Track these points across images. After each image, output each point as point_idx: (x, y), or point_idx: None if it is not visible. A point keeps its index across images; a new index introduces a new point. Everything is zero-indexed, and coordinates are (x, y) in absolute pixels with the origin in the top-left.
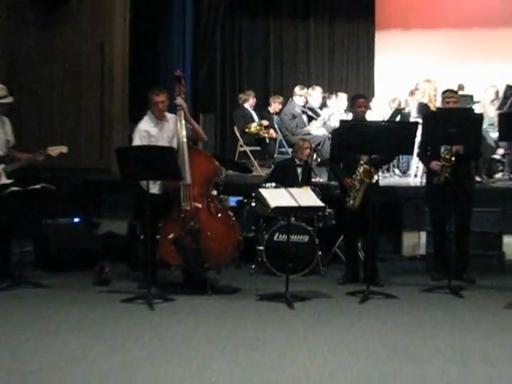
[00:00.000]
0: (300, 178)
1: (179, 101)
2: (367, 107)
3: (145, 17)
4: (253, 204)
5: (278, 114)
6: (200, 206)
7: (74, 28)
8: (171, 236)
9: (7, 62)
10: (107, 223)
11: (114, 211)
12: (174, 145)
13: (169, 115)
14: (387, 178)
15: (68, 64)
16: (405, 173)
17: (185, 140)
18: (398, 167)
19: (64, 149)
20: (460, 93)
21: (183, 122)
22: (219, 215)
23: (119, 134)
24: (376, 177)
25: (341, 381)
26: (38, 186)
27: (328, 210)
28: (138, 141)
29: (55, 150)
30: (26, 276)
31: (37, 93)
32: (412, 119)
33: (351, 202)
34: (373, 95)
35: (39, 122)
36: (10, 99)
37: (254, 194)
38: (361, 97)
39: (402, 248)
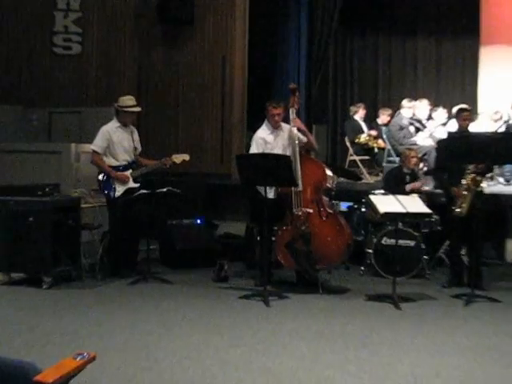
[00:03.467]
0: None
1: (293, 117)
2: (471, 119)
3: (262, 31)
4: (362, 209)
5: (386, 125)
6: (311, 210)
7: (198, 44)
8: (284, 239)
9: (136, 74)
10: (226, 225)
11: (233, 214)
12: (288, 153)
13: (284, 125)
14: (491, 187)
15: (192, 77)
16: (508, 181)
17: (297, 149)
18: (502, 176)
19: (187, 156)
20: None
21: (296, 131)
22: (329, 219)
23: (238, 142)
24: (482, 185)
25: (447, 380)
26: (163, 190)
27: (434, 216)
28: (255, 147)
29: (179, 158)
30: (152, 272)
31: (163, 104)
32: None
33: (459, 209)
34: (476, 108)
35: (165, 131)
36: (138, 108)
37: (363, 200)
38: (465, 110)
39: (506, 254)
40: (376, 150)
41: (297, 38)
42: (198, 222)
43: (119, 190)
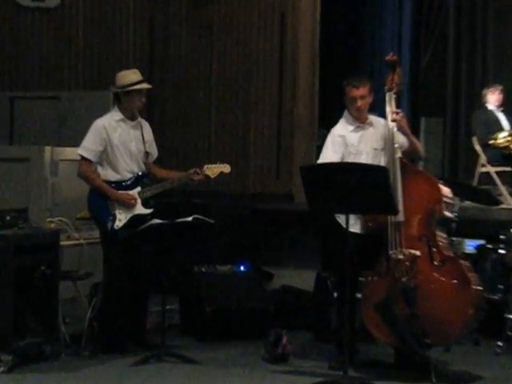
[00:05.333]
0: None
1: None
2: None
3: None
4: (501, 251)
5: None
6: (418, 253)
7: None
8: (375, 297)
9: (147, 41)
10: (284, 273)
11: (295, 256)
12: (383, 162)
13: (375, 119)
14: None
15: (231, 47)
16: None
17: (397, 156)
18: None
19: (226, 168)
20: None
21: (395, 129)
22: (447, 267)
23: (304, 146)
24: None
25: None
26: (188, 219)
27: None
28: (330, 152)
29: (214, 169)
30: (168, 346)
31: (187, 88)
32: None
33: None
34: None
35: (191, 129)
36: (147, 85)
37: (502, 237)
38: None
39: None
40: None
41: None
42: (242, 268)
43: (121, 218)
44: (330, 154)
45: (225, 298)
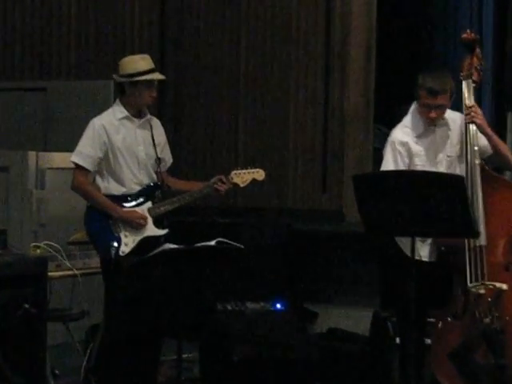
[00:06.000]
0: None
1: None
2: None
3: None
4: None
5: None
6: (504, 286)
7: None
8: (450, 342)
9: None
10: (332, 312)
11: (346, 290)
12: (459, 171)
13: (450, 115)
14: None
15: (265, 25)
16: None
17: (477, 163)
18: None
19: (259, 174)
20: None
21: (474, 128)
22: None
23: (358, 150)
24: None
25: None
26: (210, 243)
27: None
28: (391, 161)
29: (244, 176)
30: None
31: (209, 76)
32: None
33: None
34: None
35: (212, 127)
36: (159, 75)
37: None
38: None
39: None
40: None
41: None
42: (278, 306)
43: (127, 242)
44: (390, 167)
45: (256, 345)
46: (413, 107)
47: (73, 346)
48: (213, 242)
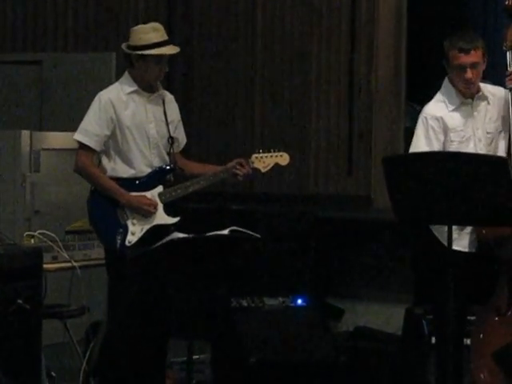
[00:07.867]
0: None
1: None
2: None
3: None
4: None
5: None
6: None
7: None
8: (494, 342)
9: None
10: (360, 309)
11: (375, 285)
12: (501, 151)
13: (488, 89)
14: None
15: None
16: None
17: None
18: None
19: (283, 158)
20: None
21: None
22: None
23: (387, 130)
24: None
25: None
26: (223, 232)
27: None
28: (423, 142)
29: (266, 160)
30: None
31: (224, 52)
32: None
33: None
34: None
35: (226, 107)
36: (173, 49)
37: None
38: None
39: None
40: None
41: None
42: (299, 302)
43: (135, 231)
44: (421, 145)
45: (274, 345)
46: (446, 80)
47: (71, 345)
48: (226, 231)
